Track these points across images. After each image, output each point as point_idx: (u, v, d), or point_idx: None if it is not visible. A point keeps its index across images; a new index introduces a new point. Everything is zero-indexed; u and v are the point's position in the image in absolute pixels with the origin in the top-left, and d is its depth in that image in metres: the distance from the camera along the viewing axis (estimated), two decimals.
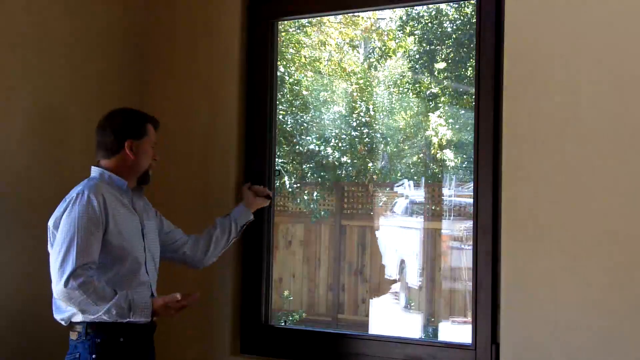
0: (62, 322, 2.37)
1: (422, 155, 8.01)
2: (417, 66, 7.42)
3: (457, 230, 6.70)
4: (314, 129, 7.73)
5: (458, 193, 7.08)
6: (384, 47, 7.95)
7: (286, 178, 7.41)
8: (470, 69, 2.99)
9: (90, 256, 2.24)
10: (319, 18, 8.06)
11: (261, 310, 3.15)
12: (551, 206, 2.57)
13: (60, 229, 2.27)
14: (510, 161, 2.62)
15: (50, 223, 2.34)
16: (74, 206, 2.27)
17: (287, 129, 7.53)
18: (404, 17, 7.49)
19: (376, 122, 7.89)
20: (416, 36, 7.42)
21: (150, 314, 2.32)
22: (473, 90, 2.77)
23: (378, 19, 8.31)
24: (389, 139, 7.86)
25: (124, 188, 2.41)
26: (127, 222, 2.38)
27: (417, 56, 7.43)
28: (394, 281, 6.90)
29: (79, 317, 2.31)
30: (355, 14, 8.42)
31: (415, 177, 8.07)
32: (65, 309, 2.33)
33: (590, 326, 2.49)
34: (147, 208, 2.57)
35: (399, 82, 8.15)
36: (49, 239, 2.35)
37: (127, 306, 2.24)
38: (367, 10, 6.75)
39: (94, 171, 2.42)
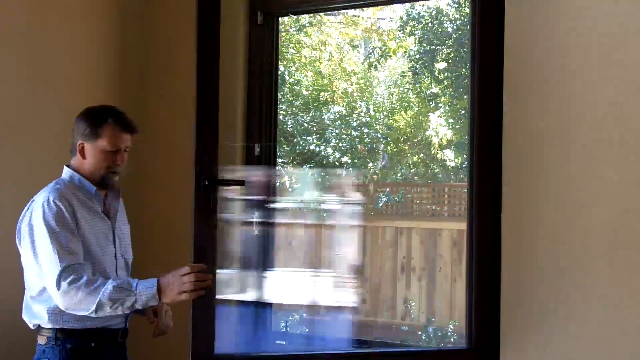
0: (30, 325, 2.25)
1: (422, 155, 8.02)
2: (417, 66, 7.42)
3: (457, 229, 6.70)
4: (314, 129, 7.74)
5: (458, 193, 7.09)
6: (384, 47, 7.96)
7: (286, 178, 7.43)
8: (469, 68, 3.04)
9: (73, 255, 2.13)
10: (319, 18, 8.09)
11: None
12: (551, 206, 2.58)
13: (35, 238, 2.17)
14: (510, 161, 2.62)
15: (23, 225, 2.22)
16: (43, 214, 2.16)
17: (287, 129, 7.55)
18: (404, 17, 7.50)
19: (376, 122, 7.90)
20: (416, 36, 7.43)
21: (156, 291, 2.08)
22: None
23: (378, 19, 8.32)
24: (389, 139, 7.87)
25: (93, 192, 2.28)
26: (94, 227, 2.26)
27: (418, 56, 7.43)
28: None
29: (46, 322, 2.20)
30: (356, 14, 8.45)
31: (415, 177, 8.09)
32: (35, 311, 2.23)
33: (591, 324, 2.49)
34: (123, 212, 2.44)
35: (399, 82, 8.17)
36: (20, 239, 2.23)
37: (126, 285, 2.09)
38: (368, 5, 6.77)
39: (65, 172, 2.31)
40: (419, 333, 6.44)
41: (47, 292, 2.18)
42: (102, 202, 2.32)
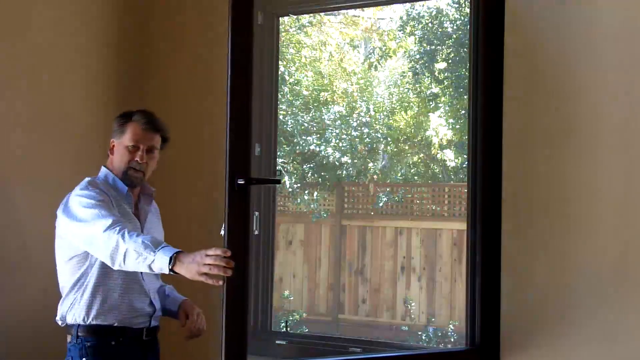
0: (60, 323, 2.32)
1: (422, 155, 8.02)
2: (417, 66, 7.42)
3: (457, 229, 6.70)
4: (314, 129, 7.74)
5: (458, 193, 7.09)
6: (385, 47, 7.96)
7: (286, 178, 7.42)
8: (469, 68, 3.05)
9: (117, 216, 2.17)
10: (319, 18, 8.09)
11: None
12: (552, 206, 2.58)
13: (75, 211, 2.19)
14: (510, 161, 2.62)
15: (60, 212, 2.25)
16: (81, 195, 2.20)
17: (287, 129, 7.54)
18: (404, 17, 7.50)
19: (376, 122, 7.90)
20: (416, 36, 7.43)
21: (169, 259, 2.03)
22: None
23: (378, 19, 8.32)
24: (389, 139, 7.87)
25: (125, 193, 2.34)
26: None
27: (418, 56, 7.43)
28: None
29: (70, 318, 2.26)
30: (356, 14, 8.45)
31: (415, 177, 8.08)
32: (64, 306, 2.28)
33: (591, 324, 2.49)
34: (156, 218, 2.50)
35: (399, 82, 8.16)
36: (59, 244, 2.28)
37: (153, 244, 2.06)
38: (368, 5, 6.76)
39: (101, 171, 2.37)
40: (419, 333, 6.44)
41: (76, 287, 2.24)
42: (134, 204, 2.36)
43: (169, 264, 2.02)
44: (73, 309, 2.27)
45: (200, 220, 3.11)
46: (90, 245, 2.18)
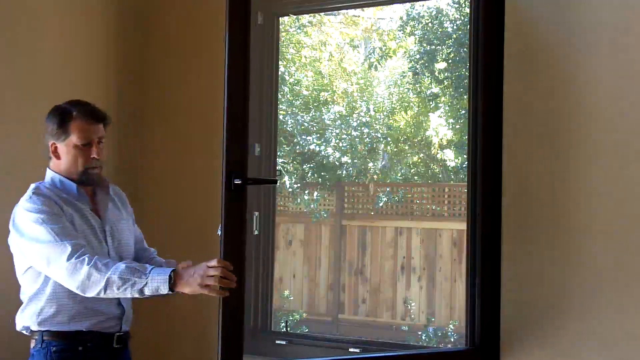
0: (23, 331, 2.19)
1: (422, 155, 8.02)
2: (417, 66, 7.42)
3: (457, 229, 6.70)
4: (314, 129, 7.74)
5: (458, 193, 7.09)
6: (385, 47, 7.95)
7: (286, 178, 7.42)
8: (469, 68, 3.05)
9: (72, 236, 2.05)
10: (319, 18, 8.09)
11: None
12: (552, 206, 2.58)
13: (26, 230, 2.09)
14: (510, 161, 2.62)
15: (11, 245, 2.14)
16: (27, 208, 2.09)
17: (288, 129, 7.54)
18: (404, 17, 7.50)
19: (376, 122, 7.90)
20: (416, 36, 7.43)
21: (168, 278, 1.96)
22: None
23: (378, 19, 8.32)
24: (389, 139, 7.87)
25: (75, 193, 2.19)
26: (82, 226, 2.16)
27: (418, 56, 7.43)
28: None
29: (35, 325, 2.13)
30: (356, 14, 8.45)
31: (415, 177, 8.08)
32: (25, 315, 2.15)
33: (591, 324, 2.49)
34: (118, 206, 2.33)
35: (399, 82, 8.16)
36: (11, 240, 2.16)
37: (140, 267, 1.99)
38: (368, 5, 6.76)
39: (47, 175, 2.23)
40: (419, 333, 6.44)
41: (40, 293, 2.13)
42: (90, 199, 2.24)
43: (169, 282, 1.97)
44: (35, 317, 2.14)
45: (198, 220, 3.10)
46: (48, 269, 2.07)
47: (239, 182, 2.23)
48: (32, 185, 2.19)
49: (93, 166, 2.20)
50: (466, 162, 2.73)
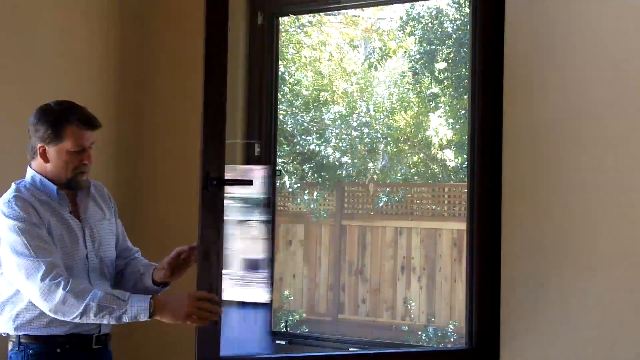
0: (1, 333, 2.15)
1: (422, 155, 8.02)
2: (417, 66, 7.41)
3: (457, 229, 6.70)
4: (314, 129, 7.74)
5: (458, 193, 7.09)
6: (384, 47, 7.95)
7: (286, 178, 7.42)
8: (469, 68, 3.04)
9: (49, 252, 2.02)
10: (319, 18, 8.08)
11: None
12: (552, 206, 2.58)
13: (2, 240, 2.05)
14: (510, 161, 2.62)
15: None
16: (6, 215, 2.04)
17: (288, 129, 7.54)
18: (404, 17, 7.49)
19: (376, 122, 7.90)
20: (416, 36, 7.43)
21: (149, 306, 2.00)
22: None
23: (378, 19, 8.31)
24: (389, 139, 7.87)
25: (55, 195, 2.14)
26: (60, 229, 2.12)
27: (418, 56, 7.43)
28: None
29: (11, 329, 2.10)
30: (356, 14, 8.45)
31: (415, 177, 8.08)
32: (1, 320, 2.12)
33: (591, 325, 2.49)
34: (99, 204, 2.28)
35: (399, 82, 8.16)
36: None
37: (119, 294, 2.01)
38: (368, 5, 6.76)
39: (27, 174, 2.18)
40: (419, 333, 6.44)
41: (15, 297, 2.09)
42: (69, 201, 2.20)
43: (150, 309, 2.00)
44: (12, 322, 2.11)
45: (187, 221, 3.10)
46: (20, 283, 2.04)
47: (214, 182, 2.28)
48: (13, 187, 2.15)
49: (82, 171, 2.17)
50: (466, 162, 2.73)
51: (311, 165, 7.81)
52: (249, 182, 2.55)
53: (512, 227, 2.62)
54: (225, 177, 2.32)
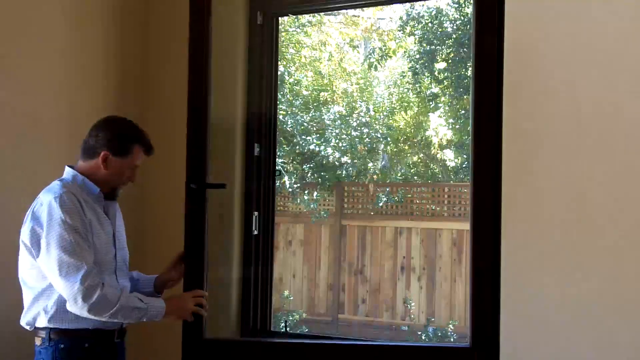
0: (27, 327, 2.23)
1: (422, 155, 8.02)
2: (417, 66, 7.42)
3: (457, 229, 6.71)
4: (314, 129, 7.75)
5: (458, 193, 7.09)
6: (384, 47, 7.96)
7: (286, 178, 7.43)
8: (470, 69, 3.04)
9: (90, 253, 2.17)
10: (319, 18, 8.09)
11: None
12: (552, 207, 2.57)
13: (48, 234, 2.14)
14: (510, 161, 2.61)
15: (26, 238, 2.17)
16: (54, 210, 2.14)
17: (287, 129, 7.55)
18: (404, 17, 7.50)
19: (376, 122, 7.91)
20: (416, 36, 7.43)
21: (164, 307, 2.25)
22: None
23: (378, 19, 8.32)
24: (389, 139, 7.88)
25: (96, 194, 2.28)
26: (99, 230, 2.26)
27: (417, 56, 7.43)
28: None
29: (43, 322, 2.19)
30: (356, 14, 8.45)
31: (415, 177, 8.08)
32: (32, 312, 2.20)
33: (592, 324, 2.49)
34: (117, 213, 2.44)
35: (399, 82, 8.17)
36: (26, 252, 2.18)
37: (142, 298, 2.22)
38: (368, 5, 6.76)
39: (67, 173, 2.29)
40: (419, 333, 6.45)
41: (48, 290, 2.17)
42: (103, 204, 2.32)
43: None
44: (42, 315, 2.19)
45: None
46: (53, 277, 2.14)
47: (194, 186, 2.50)
48: (58, 182, 2.24)
49: (125, 185, 2.36)
50: (466, 162, 2.73)
51: (311, 165, 7.81)
52: (222, 186, 2.81)
53: (512, 227, 2.62)
54: (207, 182, 2.54)
